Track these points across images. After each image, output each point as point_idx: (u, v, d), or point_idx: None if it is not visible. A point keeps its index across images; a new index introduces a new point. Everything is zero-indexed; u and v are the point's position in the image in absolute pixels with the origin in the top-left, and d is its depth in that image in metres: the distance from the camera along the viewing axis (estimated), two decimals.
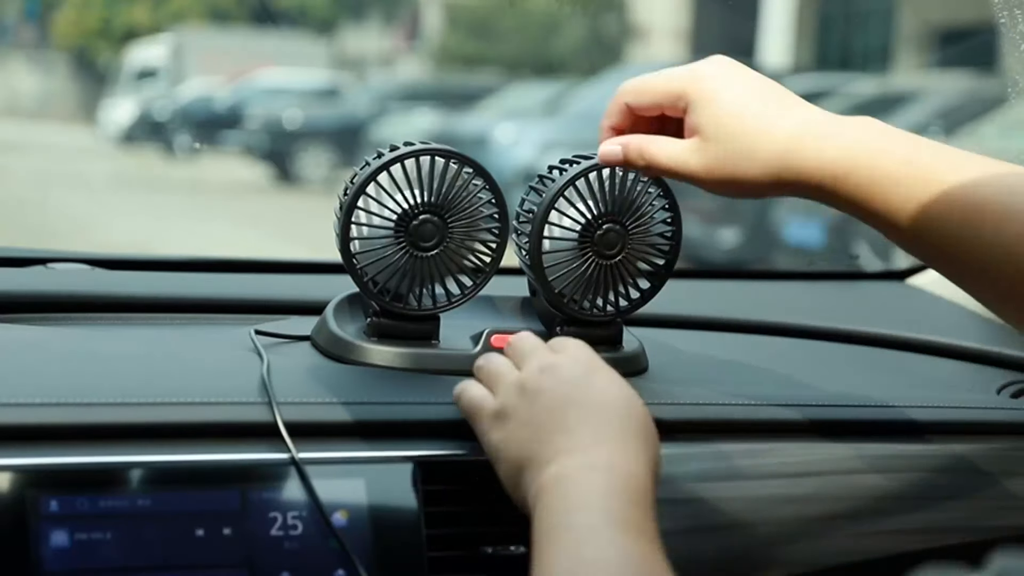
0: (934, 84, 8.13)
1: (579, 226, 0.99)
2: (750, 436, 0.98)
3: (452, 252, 0.96)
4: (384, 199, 0.95)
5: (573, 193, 0.99)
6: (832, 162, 0.83)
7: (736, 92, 0.87)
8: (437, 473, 0.86)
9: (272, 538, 0.81)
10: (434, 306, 0.98)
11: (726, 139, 0.86)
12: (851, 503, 0.97)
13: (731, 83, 0.87)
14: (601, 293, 1.01)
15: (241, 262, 1.36)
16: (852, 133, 0.84)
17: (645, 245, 1.00)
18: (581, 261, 0.99)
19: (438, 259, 0.96)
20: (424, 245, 0.95)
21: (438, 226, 0.95)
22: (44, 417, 0.81)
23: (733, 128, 0.86)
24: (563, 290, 1.00)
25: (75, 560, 0.77)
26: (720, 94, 0.87)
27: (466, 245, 0.97)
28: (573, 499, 0.76)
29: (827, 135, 0.84)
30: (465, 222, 0.96)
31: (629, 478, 0.77)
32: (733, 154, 0.86)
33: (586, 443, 0.79)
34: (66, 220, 7.93)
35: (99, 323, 1.10)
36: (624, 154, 0.90)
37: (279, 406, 0.86)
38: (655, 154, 0.89)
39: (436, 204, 0.95)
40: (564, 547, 0.73)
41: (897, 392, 1.09)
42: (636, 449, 0.80)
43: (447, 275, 0.97)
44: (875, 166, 0.83)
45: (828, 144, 0.84)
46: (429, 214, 0.95)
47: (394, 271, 0.95)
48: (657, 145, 0.89)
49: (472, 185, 0.96)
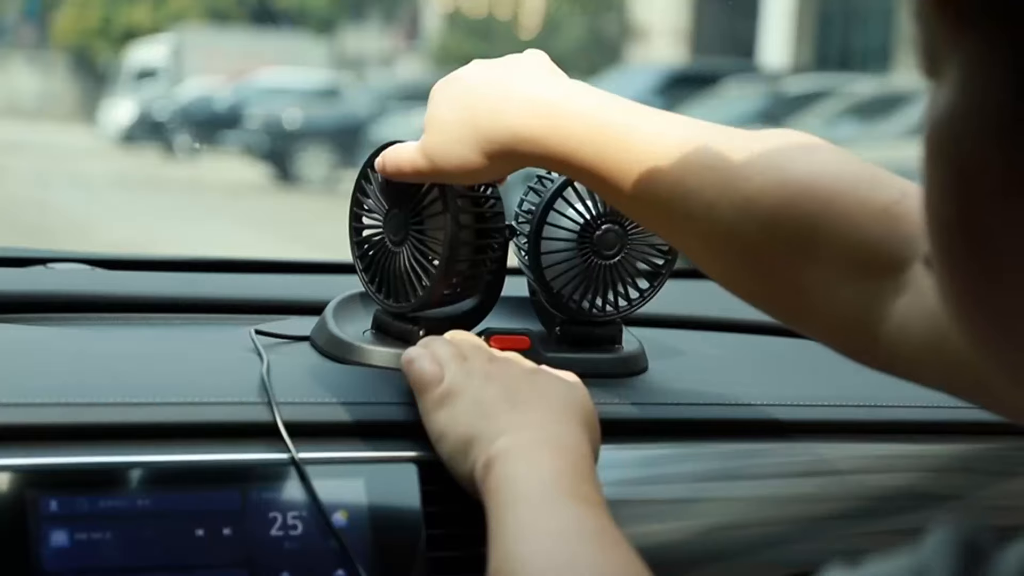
0: None
1: (578, 226, 0.99)
2: (750, 436, 0.98)
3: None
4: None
5: (572, 193, 0.99)
6: (543, 126, 0.84)
7: (448, 87, 0.89)
8: (437, 473, 0.86)
9: (272, 538, 0.81)
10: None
11: (438, 125, 0.87)
12: (851, 503, 0.97)
13: (449, 84, 0.90)
14: (600, 293, 1.01)
15: (241, 262, 1.36)
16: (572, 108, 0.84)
17: (644, 245, 1.00)
18: (580, 261, 0.99)
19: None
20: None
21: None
22: (44, 417, 0.81)
23: (443, 114, 0.87)
24: (562, 290, 1.00)
25: (75, 560, 0.77)
26: (437, 90, 0.90)
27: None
28: (525, 472, 0.77)
29: (547, 120, 0.84)
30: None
31: (577, 455, 0.79)
32: (454, 138, 0.86)
33: (534, 422, 0.81)
34: (66, 220, 7.93)
35: (99, 323, 1.10)
36: (381, 164, 0.92)
37: (279, 406, 0.86)
38: (393, 154, 0.91)
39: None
40: (521, 517, 0.74)
41: (897, 392, 1.09)
42: (580, 433, 0.82)
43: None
44: (573, 124, 0.83)
45: (557, 124, 0.84)
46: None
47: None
48: (395, 150, 0.91)
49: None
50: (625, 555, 0.73)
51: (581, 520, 0.75)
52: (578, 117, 0.84)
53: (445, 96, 0.89)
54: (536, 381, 0.85)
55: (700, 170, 0.80)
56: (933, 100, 0.48)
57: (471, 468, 0.81)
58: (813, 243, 0.77)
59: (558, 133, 0.84)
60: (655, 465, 0.94)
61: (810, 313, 0.80)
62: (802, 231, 0.77)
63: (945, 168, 0.47)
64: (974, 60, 0.46)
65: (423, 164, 0.89)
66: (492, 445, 0.79)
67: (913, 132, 6.97)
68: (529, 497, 0.76)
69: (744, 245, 0.80)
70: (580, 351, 1.01)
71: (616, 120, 0.83)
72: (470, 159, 0.86)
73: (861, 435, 1.02)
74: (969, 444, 1.04)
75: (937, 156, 0.48)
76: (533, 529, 0.74)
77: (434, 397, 0.85)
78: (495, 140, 0.85)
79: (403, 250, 0.94)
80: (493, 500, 0.77)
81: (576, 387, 0.87)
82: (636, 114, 0.84)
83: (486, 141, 0.86)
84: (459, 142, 0.86)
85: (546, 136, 0.84)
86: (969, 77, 0.46)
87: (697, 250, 0.84)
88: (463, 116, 0.87)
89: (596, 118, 0.83)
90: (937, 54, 0.48)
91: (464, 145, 0.86)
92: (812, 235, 0.77)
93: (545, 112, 0.84)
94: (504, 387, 0.84)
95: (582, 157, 0.83)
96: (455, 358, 0.87)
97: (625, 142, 0.82)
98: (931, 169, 0.48)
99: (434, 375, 0.86)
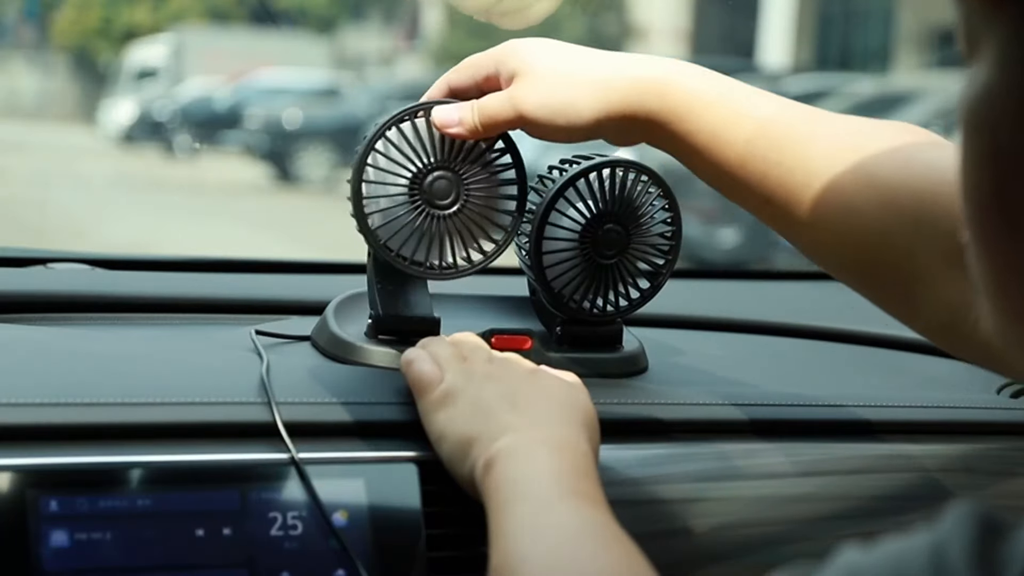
0: (934, 84, 8.14)
1: (579, 226, 0.99)
2: (750, 436, 0.98)
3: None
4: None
5: (573, 193, 0.99)
6: (682, 102, 0.85)
7: (550, 43, 0.90)
8: (437, 473, 0.86)
9: (272, 538, 0.81)
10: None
11: (552, 72, 0.87)
12: (851, 503, 0.97)
13: (543, 41, 0.90)
14: (601, 293, 1.01)
15: (241, 262, 1.36)
16: (696, 74, 0.86)
17: (645, 245, 1.00)
18: (580, 261, 0.99)
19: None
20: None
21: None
22: (44, 417, 0.81)
23: (557, 63, 0.88)
24: (562, 290, 1.00)
25: (75, 560, 0.77)
26: (534, 43, 0.90)
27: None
28: (525, 471, 0.77)
29: (668, 76, 0.86)
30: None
31: (578, 454, 0.79)
32: (565, 86, 0.87)
33: (534, 422, 0.81)
34: (66, 220, 7.93)
35: (99, 323, 1.10)
36: (459, 115, 0.91)
37: (279, 406, 0.86)
38: (485, 105, 0.90)
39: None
40: (522, 516, 0.75)
41: (896, 392, 1.09)
42: (580, 432, 0.82)
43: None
44: (729, 107, 0.84)
45: (672, 81, 0.85)
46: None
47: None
48: (487, 98, 0.90)
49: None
50: (627, 551, 0.73)
51: (582, 517, 0.75)
52: (692, 91, 0.85)
53: (547, 52, 0.88)
54: (536, 381, 0.85)
55: (833, 153, 0.81)
56: (970, 79, 0.48)
57: (471, 468, 0.81)
58: (932, 235, 0.78)
59: (670, 104, 0.85)
60: (655, 465, 0.94)
61: (915, 303, 0.82)
62: (923, 222, 0.79)
63: (981, 146, 0.48)
64: (1010, 38, 0.46)
65: (516, 117, 0.88)
66: (492, 445, 0.79)
67: None
68: (529, 496, 0.76)
69: (872, 233, 0.80)
70: (581, 351, 1.01)
71: (736, 96, 0.85)
72: (580, 119, 0.86)
73: (861, 435, 1.02)
74: (969, 444, 1.04)
75: (973, 134, 0.48)
76: (534, 527, 0.74)
77: (433, 398, 0.85)
78: (610, 101, 0.86)
79: (454, 212, 0.94)
80: (493, 499, 0.77)
81: (576, 387, 0.87)
82: (751, 91, 0.85)
83: (601, 99, 0.86)
84: (570, 98, 0.86)
85: (659, 106, 0.85)
86: (1005, 55, 0.46)
87: (814, 235, 0.84)
88: (574, 72, 0.87)
89: (711, 92, 0.85)
90: (974, 33, 0.48)
91: (576, 102, 0.86)
92: (932, 226, 0.78)
93: (657, 85, 0.85)
94: (504, 388, 0.84)
95: (696, 129, 0.84)
96: (455, 359, 0.87)
97: (743, 117, 0.84)
98: (967, 147, 0.49)
99: (433, 376, 0.86)
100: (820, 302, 1.49)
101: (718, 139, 0.84)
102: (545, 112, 0.87)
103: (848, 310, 1.43)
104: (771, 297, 1.52)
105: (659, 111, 0.85)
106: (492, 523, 0.76)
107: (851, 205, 0.81)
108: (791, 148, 0.83)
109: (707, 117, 0.84)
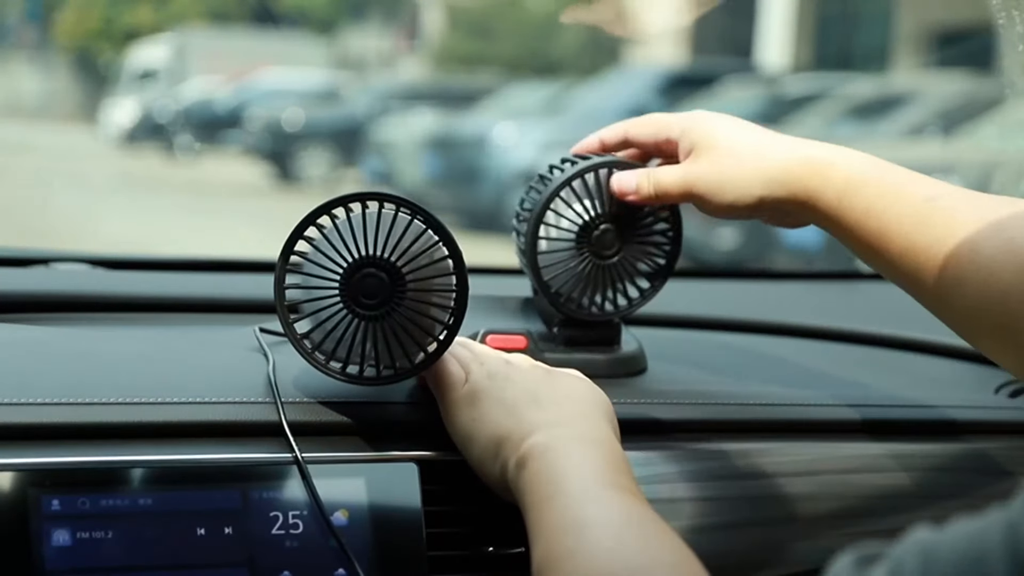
0: (932, 85, 8.13)
1: (576, 226, 0.99)
2: (750, 436, 0.98)
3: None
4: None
5: (571, 193, 0.99)
6: (842, 180, 0.88)
7: (731, 122, 0.95)
8: (437, 473, 0.86)
9: (273, 537, 0.81)
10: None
11: (727, 153, 0.93)
12: (851, 503, 0.97)
13: (726, 119, 0.95)
14: (600, 293, 1.01)
15: (243, 262, 1.36)
16: (857, 156, 0.90)
17: (645, 245, 1.01)
18: (578, 261, 1.00)
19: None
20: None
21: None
22: (46, 416, 0.81)
23: (732, 144, 0.93)
24: (560, 289, 1.00)
25: (77, 559, 0.77)
26: (717, 121, 0.95)
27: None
28: (562, 466, 0.77)
29: (831, 157, 0.90)
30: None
31: (609, 448, 0.80)
32: (735, 167, 0.92)
33: (562, 418, 0.81)
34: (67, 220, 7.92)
35: (100, 323, 1.10)
36: (636, 183, 0.96)
37: (284, 406, 0.86)
38: (661, 178, 0.95)
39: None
40: (564, 510, 0.74)
41: (895, 392, 1.09)
42: (606, 427, 0.82)
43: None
44: (882, 186, 0.88)
45: (835, 163, 0.89)
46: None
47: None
48: (663, 171, 0.96)
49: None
50: (674, 543, 0.73)
51: (625, 510, 0.74)
52: (853, 171, 0.89)
53: (728, 130, 0.94)
54: (554, 380, 0.85)
55: (976, 220, 0.83)
56: None
57: (502, 467, 0.81)
58: None
59: (832, 182, 0.89)
60: (655, 465, 0.94)
61: None
62: None
63: None
64: None
65: (688, 193, 0.94)
66: (523, 443, 0.79)
67: (912, 132, 6.98)
68: (569, 491, 0.75)
69: (1010, 298, 0.82)
70: (579, 351, 1.02)
71: (898, 176, 0.88)
72: (744, 199, 0.91)
73: (861, 435, 1.02)
74: (967, 443, 1.04)
75: None
76: (576, 520, 0.73)
77: (458, 397, 0.85)
78: (776, 181, 0.90)
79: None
80: (530, 496, 0.77)
81: (591, 384, 0.87)
82: (906, 174, 0.88)
83: (770, 180, 0.90)
84: (742, 179, 0.91)
85: (820, 184, 0.89)
86: None
87: (954, 300, 0.86)
88: (749, 154, 0.92)
89: (872, 171, 0.88)
90: None
91: (745, 182, 0.91)
92: None
93: (821, 165, 0.89)
94: (525, 387, 0.84)
95: (854, 213, 0.88)
96: (473, 360, 0.87)
97: (903, 198, 0.87)
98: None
99: (459, 376, 0.86)
100: (819, 302, 1.49)
101: (876, 216, 0.87)
102: (715, 191, 0.92)
103: (848, 310, 1.43)
104: (770, 297, 1.52)
105: (820, 189, 0.89)
106: (532, 520, 0.76)
107: (991, 269, 0.82)
108: (943, 223, 0.85)
109: (864, 193, 0.88)
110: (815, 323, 1.28)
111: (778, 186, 0.90)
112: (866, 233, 0.88)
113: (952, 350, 1.23)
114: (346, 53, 20.86)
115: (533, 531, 0.75)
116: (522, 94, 11.44)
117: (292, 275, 0.84)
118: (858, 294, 1.57)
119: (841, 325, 1.28)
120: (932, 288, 0.86)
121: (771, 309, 1.34)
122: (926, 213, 0.85)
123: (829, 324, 1.28)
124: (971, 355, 1.23)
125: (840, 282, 1.64)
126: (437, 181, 9.79)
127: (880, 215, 0.87)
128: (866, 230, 0.88)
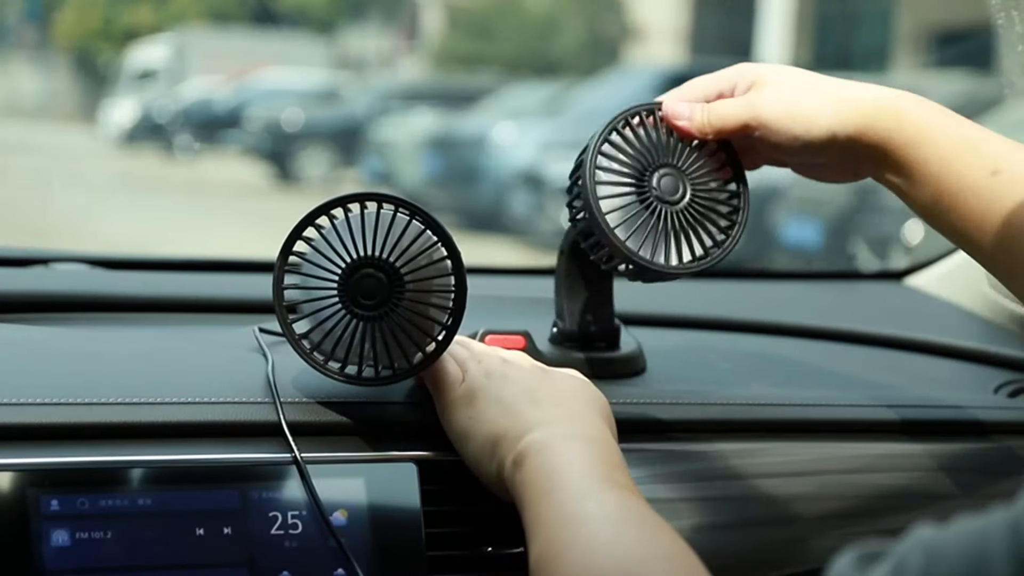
0: (932, 84, 8.12)
1: (633, 171, 0.91)
2: (750, 436, 0.98)
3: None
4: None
5: (614, 150, 0.92)
6: (913, 127, 0.85)
7: (795, 69, 0.91)
8: (437, 473, 0.86)
9: (272, 537, 0.81)
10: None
11: (795, 84, 0.89)
12: (851, 503, 0.97)
13: (788, 67, 0.92)
14: (674, 242, 0.92)
15: (242, 262, 1.36)
16: (926, 104, 0.87)
17: (708, 188, 0.92)
18: (642, 208, 0.91)
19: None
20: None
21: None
22: (45, 416, 0.81)
23: (800, 77, 0.90)
24: (627, 240, 0.90)
25: (76, 559, 0.77)
26: (780, 66, 0.91)
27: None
28: (558, 463, 0.77)
29: (902, 102, 0.87)
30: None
31: (606, 445, 0.80)
32: (804, 96, 0.88)
33: (559, 417, 0.81)
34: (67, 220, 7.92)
35: (100, 323, 1.10)
36: (689, 110, 0.92)
37: (283, 406, 0.86)
38: (718, 107, 0.91)
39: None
40: (561, 506, 0.75)
41: (894, 392, 1.09)
42: (603, 425, 0.83)
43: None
44: (955, 135, 0.85)
45: (907, 108, 0.86)
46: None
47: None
48: (720, 102, 0.91)
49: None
50: (671, 538, 0.73)
51: (622, 505, 0.75)
52: (928, 119, 0.86)
53: (789, 68, 0.90)
54: (551, 378, 0.86)
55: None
56: None
57: (499, 466, 0.81)
58: None
59: (906, 128, 0.85)
60: (655, 465, 0.94)
61: None
62: None
63: None
64: None
65: (752, 119, 0.89)
66: (520, 441, 0.80)
67: None
68: (566, 486, 0.76)
69: None
70: (578, 351, 1.02)
71: (971, 128, 0.86)
72: (814, 131, 0.87)
73: (861, 435, 1.02)
74: (966, 443, 1.04)
75: None
76: (573, 516, 0.74)
77: (455, 396, 0.85)
78: (848, 116, 0.87)
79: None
80: (527, 493, 0.77)
81: (589, 383, 0.87)
82: (979, 127, 0.86)
83: (842, 113, 0.87)
84: (811, 107, 0.87)
85: (895, 128, 0.86)
86: None
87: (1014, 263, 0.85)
88: (818, 86, 0.88)
89: (949, 123, 0.86)
90: None
91: (816, 112, 0.87)
92: None
93: (894, 110, 0.86)
94: (523, 385, 0.84)
95: (928, 167, 0.85)
96: (471, 359, 0.87)
97: (979, 148, 0.84)
98: None
99: (455, 375, 0.86)
100: (818, 302, 1.49)
101: (951, 168, 0.85)
102: (783, 117, 0.88)
103: (848, 310, 1.43)
104: (770, 297, 1.52)
105: (893, 135, 0.86)
106: (528, 516, 0.76)
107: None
108: (1009, 195, 0.83)
109: (943, 143, 0.85)
110: (815, 323, 1.28)
111: (851, 122, 0.86)
112: (941, 188, 0.85)
113: (952, 350, 1.23)
114: (346, 53, 20.85)
115: (530, 527, 0.76)
116: (522, 94, 11.43)
117: (291, 275, 0.85)
118: (858, 294, 1.57)
119: (841, 325, 1.28)
120: (997, 249, 0.85)
121: (770, 309, 1.34)
122: (1008, 169, 0.83)
123: (829, 324, 1.28)
124: (969, 355, 1.23)
125: (840, 282, 1.64)
126: (437, 181, 9.79)
127: (962, 172, 0.84)
128: (937, 188, 0.85)
